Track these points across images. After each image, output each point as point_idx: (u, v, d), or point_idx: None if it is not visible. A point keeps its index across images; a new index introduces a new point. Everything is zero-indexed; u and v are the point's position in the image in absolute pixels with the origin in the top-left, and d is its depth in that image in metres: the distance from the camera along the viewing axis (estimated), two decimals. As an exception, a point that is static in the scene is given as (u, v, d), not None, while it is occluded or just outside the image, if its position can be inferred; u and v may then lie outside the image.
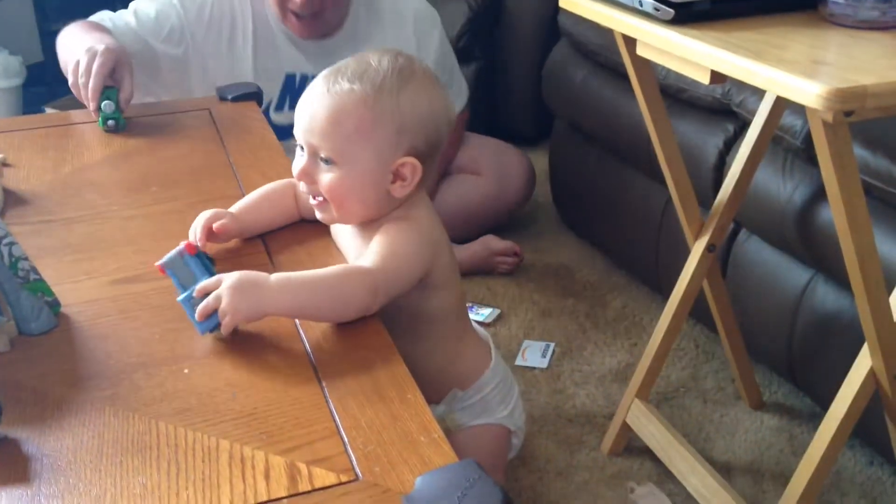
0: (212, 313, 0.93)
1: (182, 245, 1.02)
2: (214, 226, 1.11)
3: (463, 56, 2.71)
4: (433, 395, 1.18)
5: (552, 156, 2.39)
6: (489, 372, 1.21)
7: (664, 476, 1.54)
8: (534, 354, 1.88)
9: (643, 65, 1.36)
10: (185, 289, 0.97)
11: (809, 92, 0.87)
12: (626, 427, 1.60)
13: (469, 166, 2.26)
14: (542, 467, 1.58)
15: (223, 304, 0.92)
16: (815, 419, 1.65)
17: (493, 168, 2.26)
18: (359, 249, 1.10)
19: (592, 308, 2.05)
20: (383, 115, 1.01)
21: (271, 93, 1.91)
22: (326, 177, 1.04)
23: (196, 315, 0.94)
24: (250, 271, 0.95)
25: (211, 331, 0.95)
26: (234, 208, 1.16)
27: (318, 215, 1.09)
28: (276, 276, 0.95)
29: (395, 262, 1.00)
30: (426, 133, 1.04)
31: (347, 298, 0.96)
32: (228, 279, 0.93)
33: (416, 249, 1.04)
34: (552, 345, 1.91)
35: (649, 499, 1.49)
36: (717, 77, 1.04)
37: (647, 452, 1.58)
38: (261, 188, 1.20)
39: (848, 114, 0.89)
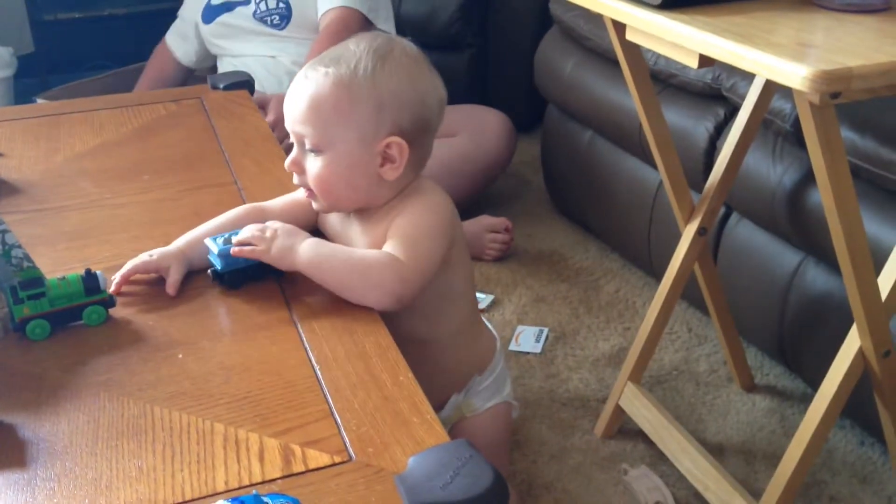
0: (248, 245, 1.01)
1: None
2: (168, 289, 1.03)
3: (455, 43, 2.71)
4: (457, 384, 1.19)
5: (544, 142, 2.39)
6: (498, 352, 1.23)
7: (657, 458, 1.55)
8: (527, 339, 1.89)
9: (633, 50, 1.36)
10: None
11: (796, 74, 0.88)
12: (619, 410, 1.61)
13: (444, 131, 2.25)
14: (536, 451, 1.59)
15: (263, 234, 1.01)
16: (806, 400, 1.67)
17: (467, 127, 2.24)
18: (351, 237, 1.10)
19: (586, 292, 2.06)
20: (360, 93, 1.01)
21: None
22: (313, 166, 1.04)
23: (234, 243, 1.01)
24: (293, 226, 1.03)
25: (221, 273, 1.03)
26: (184, 241, 1.08)
27: (313, 206, 1.09)
28: (310, 240, 1.01)
29: (421, 250, 1.01)
30: (410, 111, 1.04)
31: (374, 282, 0.98)
32: (273, 224, 1.02)
33: (438, 231, 1.05)
34: (546, 330, 1.92)
35: (642, 480, 1.50)
36: (705, 61, 1.05)
37: (640, 435, 1.59)
38: (225, 214, 1.13)
39: (834, 96, 0.90)
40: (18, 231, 0.98)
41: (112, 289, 1.02)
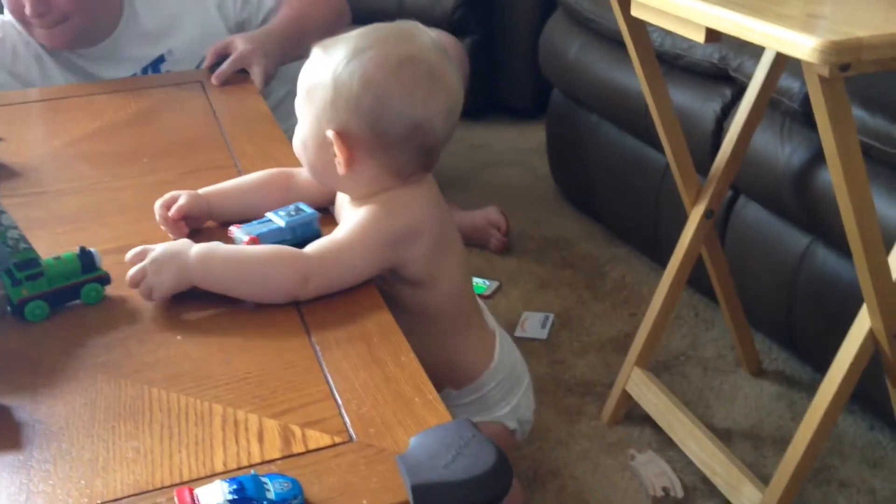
0: (139, 283, 0.94)
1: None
2: (170, 212, 1.07)
3: (459, 29, 2.69)
4: None
5: (550, 128, 2.37)
6: (488, 373, 1.16)
7: (664, 443, 1.54)
8: (533, 325, 1.87)
9: (638, 28, 1.34)
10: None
11: (805, 45, 0.86)
12: (625, 395, 1.59)
13: None
14: (542, 437, 1.58)
15: (147, 279, 0.94)
16: (814, 386, 1.63)
17: None
18: (340, 218, 1.09)
19: (591, 279, 2.05)
20: (323, 79, 1.01)
21: None
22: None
23: (128, 281, 0.95)
24: (174, 242, 0.97)
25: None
26: (211, 189, 1.12)
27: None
28: (198, 248, 0.95)
29: (337, 253, 0.98)
30: (368, 117, 0.99)
31: (272, 281, 0.95)
32: (152, 252, 0.95)
33: (373, 242, 0.99)
34: (551, 316, 1.90)
35: (650, 466, 1.49)
36: (712, 35, 1.03)
37: (647, 420, 1.58)
38: (252, 174, 1.15)
39: (844, 68, 0.88)
40: (16, 214, 0.97)
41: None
